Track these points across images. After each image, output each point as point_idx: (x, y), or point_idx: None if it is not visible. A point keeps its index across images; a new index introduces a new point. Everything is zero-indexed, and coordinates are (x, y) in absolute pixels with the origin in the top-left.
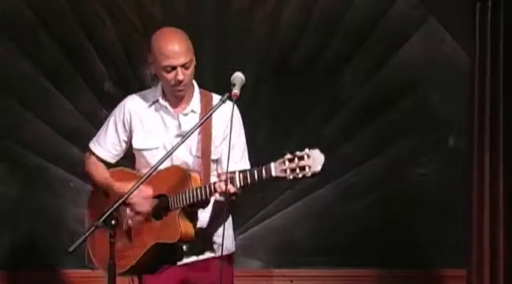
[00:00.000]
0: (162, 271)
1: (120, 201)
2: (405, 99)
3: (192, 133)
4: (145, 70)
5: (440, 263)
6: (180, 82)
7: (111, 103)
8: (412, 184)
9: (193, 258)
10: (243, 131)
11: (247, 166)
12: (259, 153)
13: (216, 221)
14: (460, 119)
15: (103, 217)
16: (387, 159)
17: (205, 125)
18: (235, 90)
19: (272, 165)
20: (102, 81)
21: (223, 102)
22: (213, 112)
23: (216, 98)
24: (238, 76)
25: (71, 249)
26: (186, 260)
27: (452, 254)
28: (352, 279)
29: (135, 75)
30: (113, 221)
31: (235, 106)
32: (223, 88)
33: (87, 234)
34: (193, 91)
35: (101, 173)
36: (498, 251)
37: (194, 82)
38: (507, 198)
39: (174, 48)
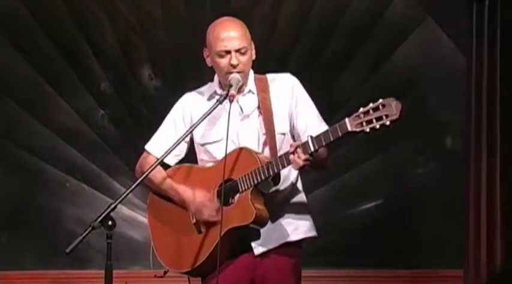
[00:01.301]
0: (230, 264)
1: (114, 205)
2: (402, 99)
3: (190, 133)
4: (143, 71)
5: (438, 263)
6: (234, 67)
7: (108, 104)
8: (410, 185)
9: (266, 248)
10: (308, 97)
11: (326, 127)
12: None
13: (290, 201)
14: (458, 119)
15: (100, 218)
16: (385, 159)
17: (263, 104)
18: (232, 91)
19: (346, 120)
20: (99, 82)
21: (220, 102)
22: (211, 111)
23: (269, 76)
24: (234, 77)
25: (68, 250)
26: (258, 251)
27: (449, 254)
28: (351, 279)
29: (133, 76)
30: (110, 222)
31: (296, 78)
32: None
33: (84, 235)
34: (248, 76)
35: (161, 176)
36: (495, 251)
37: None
38: (504, 198)
39: (229, 32)
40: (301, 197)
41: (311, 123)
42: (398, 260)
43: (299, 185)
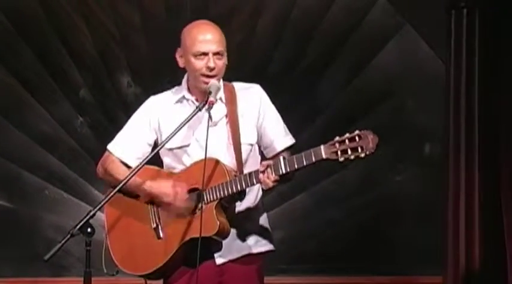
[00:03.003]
0: (193, 272)
1: (93, 212)
2: (381, 106)
3: (169, 139)
4: (122, 78)
5: (417, 270)
6: (211, 70)
7: (87, 111)
8: (388, 191)
9: (228, 258)
10: (275, 109)
11: (293, 140)
12: None
13: (252, 214)
14: (436, 126)
15: (79, 225)
16: (364, 166)
17: (230, 116)
18: (212, 98)
19: (322, 147)
20: (78, 88)
21: (200, 109)
22: (191, 118)
23: (236, 86)
24: (214, 84)
25: (46, 257)
26: (221, 261)
27: (429, 261)
28: None
29: (111, 83)
30: (89, 229)
31: (263, 90)
32: None
33: (62, 242)
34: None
35: (125, 173)
36: (474, 258)
37: None
38: (483, 204)
39: (208, 35)
40: (263, 210)
41: (277, 136)
42: (377, 267)
43: (260, 197)
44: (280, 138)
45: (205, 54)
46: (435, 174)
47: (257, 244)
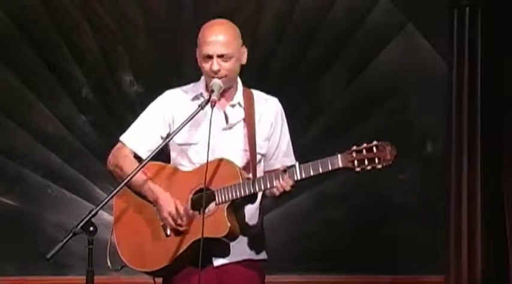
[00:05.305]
0: (195, 273)
1: (95, 211)
2: (383, 105)
3: (172, 137)
4: (124, 77)
5: (419, 269)
6: (215, 73)
7: (89, 110)
8: (390, 190)
9: (228, 261)
10: (287, 128)
11: (293, 161)
12: None
13: (254, 221)
14: (438, 125)
15: (81, 223)
16: None
17: (248, 120)
18: (214, 96)
19: (339, 156)
20: (80, 87)
21: (202, 108)
22: (194, 116)
23: (255, 94)
24: (216, 83)
25: (48, 256)
26: (221, 262)
27: (430, 260)
28: None
29: (114, 81)
30: (91, 228)
31: (281, 106)
32: None
33: (65, 241)
34: (237, 86)
35: (138, 173)
36: (476, 257)
37: (239, 79)
38: (485, 204)
39: (214, 37)
40: (261, 217)
41: (280, 153)
42: (379, 266)
43: (259, 204)
44: (279, 157)
45: (210, 57)
46: (437, 174)
47: (257, 251)
